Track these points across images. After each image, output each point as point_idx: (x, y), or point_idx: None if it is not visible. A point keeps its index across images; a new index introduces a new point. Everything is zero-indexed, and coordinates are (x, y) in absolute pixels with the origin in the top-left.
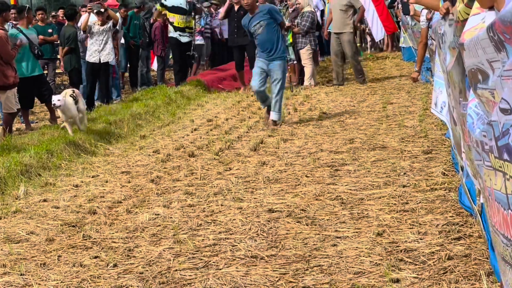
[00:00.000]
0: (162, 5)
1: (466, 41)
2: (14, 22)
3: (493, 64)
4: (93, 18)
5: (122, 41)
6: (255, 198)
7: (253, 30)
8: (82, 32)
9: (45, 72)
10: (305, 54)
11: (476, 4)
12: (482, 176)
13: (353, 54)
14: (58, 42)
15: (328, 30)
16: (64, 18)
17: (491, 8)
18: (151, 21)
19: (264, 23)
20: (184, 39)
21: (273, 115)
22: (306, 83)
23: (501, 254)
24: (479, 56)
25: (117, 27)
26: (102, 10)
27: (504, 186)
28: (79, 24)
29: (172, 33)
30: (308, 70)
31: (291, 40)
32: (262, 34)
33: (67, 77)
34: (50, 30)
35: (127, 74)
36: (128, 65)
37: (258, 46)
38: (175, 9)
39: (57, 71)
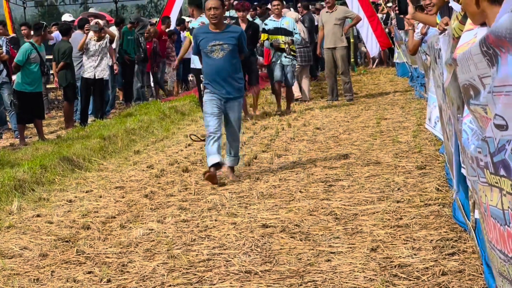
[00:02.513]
0: (264, 30)
1: (458, 56)
2: (5, 37)
3: (483, 80)
4: (90, 35)
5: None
6: (249, 214)
7: (207, 50)
8: (78, 53)
9: None
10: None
11: (469, 20)
12: (478, 192)
13: (345, 71)
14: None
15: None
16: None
17: (483, 24)
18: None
19: (228, 47)
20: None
21: (230, 160)
22: (304, 97)
23: (498, 269)
24: (471, 71)
25: (114, 43)
26: (99, 29)
27: (500, 202)
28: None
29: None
30: (304, 84)
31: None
32: (219, 60)
33: (61, 92)
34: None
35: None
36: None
37: (208, 74)
38: (278, 31)
39: (51, 86)
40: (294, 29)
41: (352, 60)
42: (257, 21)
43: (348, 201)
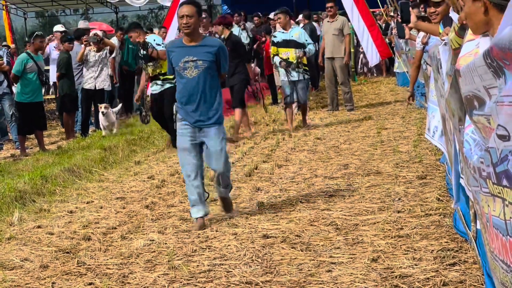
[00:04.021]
0: (272, 43)
1: (461, 68)
2: (5, 48)
3: (490, 91)
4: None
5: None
6: (249, 224)
7: (179, 67)
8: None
9: None
10: None
11: (469, 31)
12: (479, 202)
13: (345, 81)
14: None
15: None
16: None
17: (484, 34)
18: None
19: (203, 64)
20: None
21: (220, 191)
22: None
23: (501, 280)
24: (475, 82)
25: (114, 53)
26: (98, 40)
27: (503, 212)
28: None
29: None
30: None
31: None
32: (193, 80)
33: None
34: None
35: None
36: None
37: (181, 96)
38: (287, 43)
39: (52, 96)
40: (306, 40)
41: (352, 70)
42: (235, 29)
43: (348, 211)
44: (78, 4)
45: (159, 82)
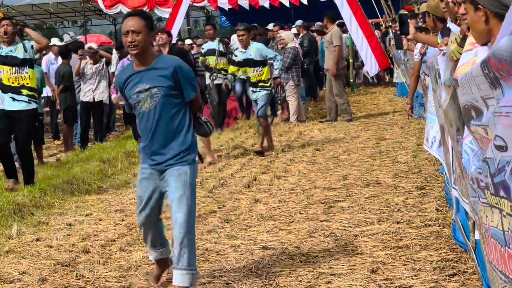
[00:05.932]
0: (233, 63)
1: (459, 77)
2: None
3: (487, 101)
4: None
5: None
6: (248, 236)
7: (134, 99)
8: (76, 77)
9: None
10: (289, 89)
11: (468, 41)
12: (478, 212)
13: (340, 92)
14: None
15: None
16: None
17: (484, 44)
18: None
19: (158, 92)
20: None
21: (179, 278)
22: (291, 119)
23: None
24: (473, 93)
25: (113, 67)
26: (93, 52)
27: (500, 222)
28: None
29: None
30: (292, 106)
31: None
32: (150, 113)
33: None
34: None
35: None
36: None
37: (141, 134)
38: (246, 62)
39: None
40: (266, 55)
41: (351, 80)
42: (214, 42)
43: (348, 222)
44: (77, 17)
45: (24, 98)
